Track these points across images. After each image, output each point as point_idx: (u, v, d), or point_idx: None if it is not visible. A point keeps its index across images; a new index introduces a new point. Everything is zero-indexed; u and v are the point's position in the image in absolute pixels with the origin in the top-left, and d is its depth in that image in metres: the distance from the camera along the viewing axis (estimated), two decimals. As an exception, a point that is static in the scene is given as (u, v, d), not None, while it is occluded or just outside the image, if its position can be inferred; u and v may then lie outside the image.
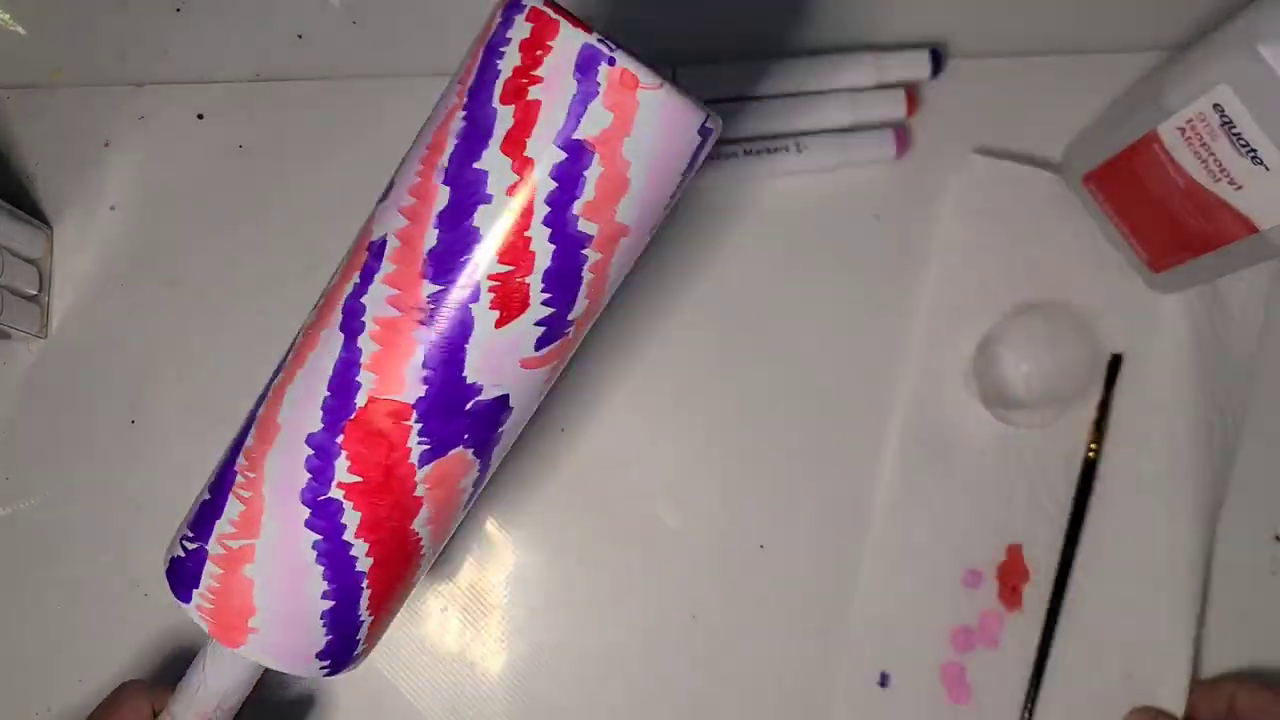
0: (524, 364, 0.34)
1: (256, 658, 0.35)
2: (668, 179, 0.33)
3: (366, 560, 0.35)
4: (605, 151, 0.32)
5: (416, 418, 0.33)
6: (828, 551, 0.47)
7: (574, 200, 0.32)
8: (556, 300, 0.33)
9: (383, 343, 0.33)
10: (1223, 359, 0.47)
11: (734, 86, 0.48)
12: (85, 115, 0.49)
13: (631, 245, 0.34)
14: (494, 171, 0.32)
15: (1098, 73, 0.50)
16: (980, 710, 0.45)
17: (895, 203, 0.49)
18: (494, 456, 0.36)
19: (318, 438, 0.34)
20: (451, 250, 0.33)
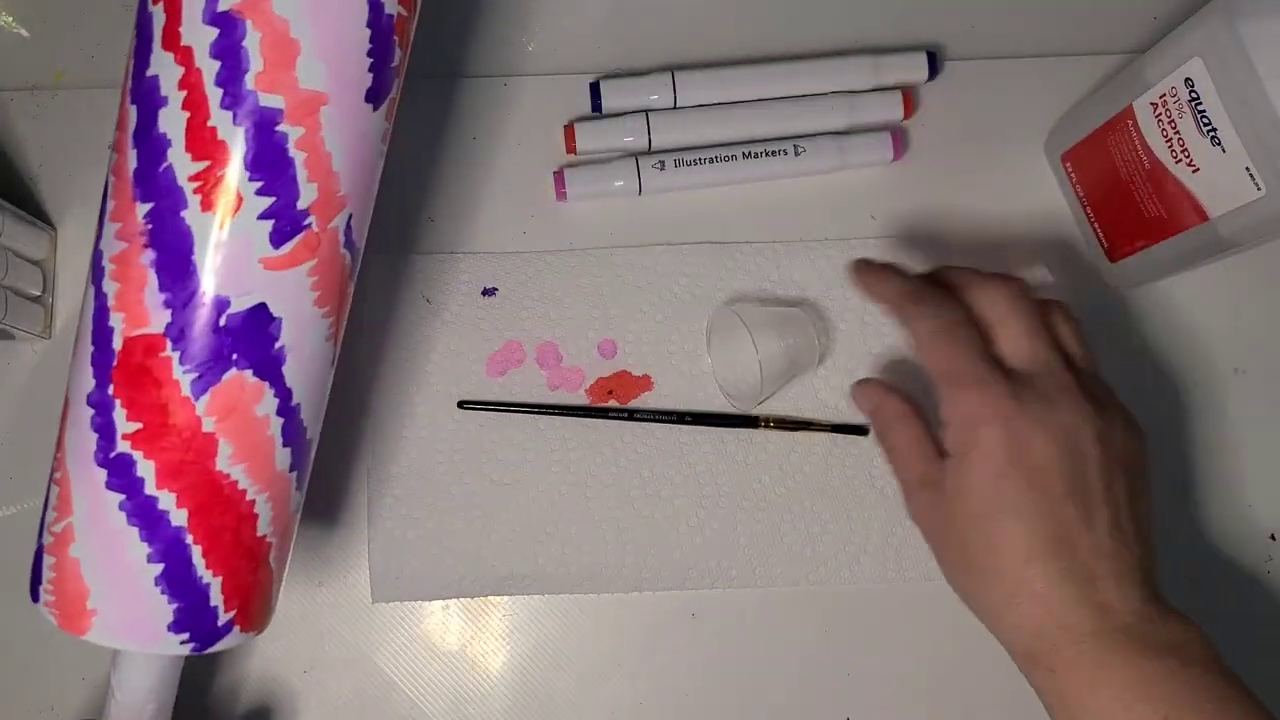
0: (267, 265, 0.33)
1: (106, 640, 0.34)
2: (342, 30, 0.32)
3: (180, 513, 0.33)
4: (255, 15, 0.31)
5: (172, 346, 0.32)
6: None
7: (243, 74, 0.31)
8: (272, 187, 0.32)
9: (120, 280, 0.33)
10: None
11: (733, 89, 0.49)
12: (88, 117, 0.49)
13: (341, 116, 0.33)
14: (163, 72, 0.32)
15: (1095, 75, 0.50)
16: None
17: (893, 205, 0.49)
18: (290, 378, 0.34)
19: (94, 395, 0.33)
20: (149, 163, 0.32)
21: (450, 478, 0.47)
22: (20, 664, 0.46)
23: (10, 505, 0.47)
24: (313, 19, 0.31)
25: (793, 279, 0.49)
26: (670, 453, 0.47)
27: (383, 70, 0.34)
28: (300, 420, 0.35)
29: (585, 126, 0.48)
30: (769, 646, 0.47)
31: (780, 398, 0.48)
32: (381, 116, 0.35)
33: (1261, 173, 0.37)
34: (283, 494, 0.36)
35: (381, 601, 0.47)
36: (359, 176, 0.34)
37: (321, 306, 0.35)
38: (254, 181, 0.32)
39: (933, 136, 0.50)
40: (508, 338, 0.48)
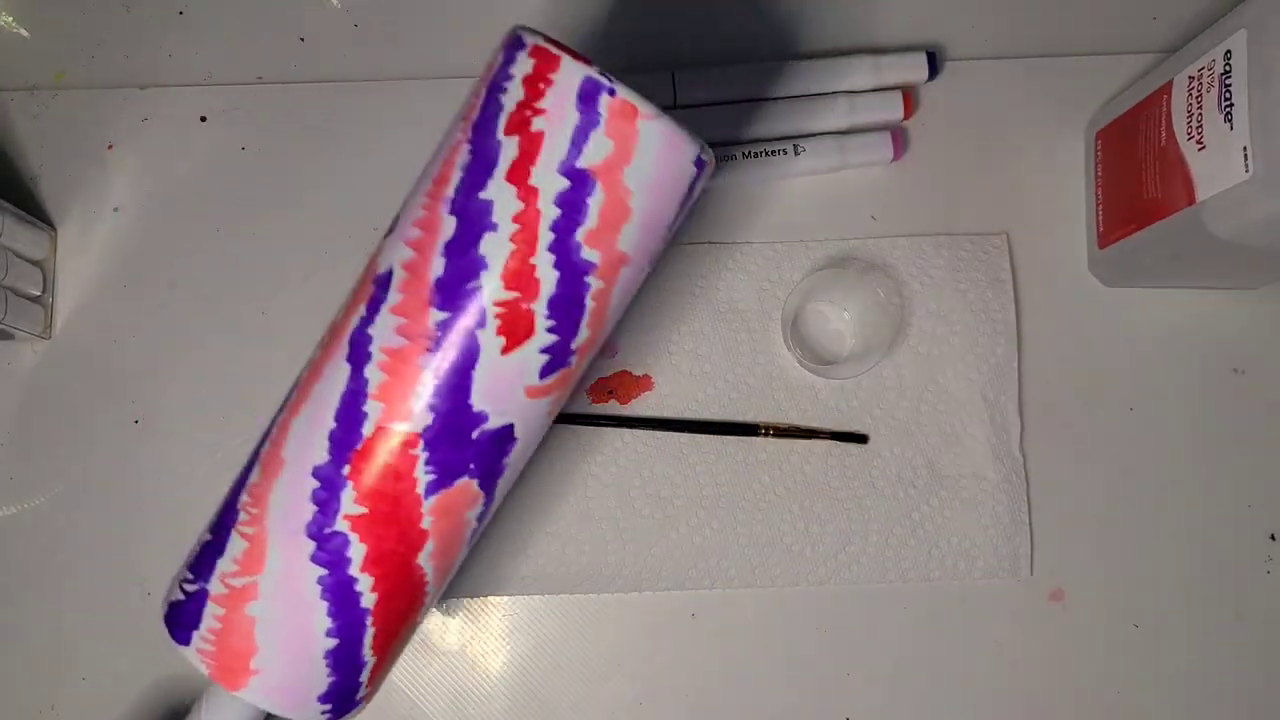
0: (529, 393, 0.34)
1: (257, 700, 0.34)
2: (666, 207, 0.34)
3: (371, 596, 0.34)
4: (607, 179, 0.33)
5: (424, 446, 0.34)
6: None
7: (577, 227, 0.33)
8: (560, 328, 0.34)
9: (390, 372, 0.34)
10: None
11: (733, 89, 0.49)
12: (88, 117, 0.49)
13: (632, 274, 0.35)
14: (499, 200, 0.33)
15: (1094, 75, 0.50)
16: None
17: (893, 204, 0.49)
18: (498, 489, 0.36)
19: (324, 469, 0.34)
20: (458, 278, 0.33)
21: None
22: (20, 664, 0.46)
23: (10, 505, 0.47)
24: (650, 194, 0.33)
25: (793, 279, 0.49)
26: (670, 453, 0.47)
27: (672, 237, 0.36)
28: (486, 524, 0.37)
29: (585, 126, 0.48)
30: (769, 646, 0.47)
31: (782, 398, 0.48)
32: (650, 268, 0.37)
33: (1255, 154, 0.37)
34: (440, 589, 0.37)
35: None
36: (619, 319, 0.37)
37: (546, 428, 0.37)
38: (549, 320, 0.34)
39: (933, 136, 0.50)
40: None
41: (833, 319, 0.49)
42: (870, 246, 0.49)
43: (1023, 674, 0.47)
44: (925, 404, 0.48)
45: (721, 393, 0.48)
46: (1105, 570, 0.48)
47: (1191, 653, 0.47)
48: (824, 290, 0.48)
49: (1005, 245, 0.49)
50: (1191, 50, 0.41)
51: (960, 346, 0.48)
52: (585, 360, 0.36)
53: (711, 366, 0.48)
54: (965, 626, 0.47)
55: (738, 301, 0.49)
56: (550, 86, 0.33)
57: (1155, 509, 0.48)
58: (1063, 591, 0.47)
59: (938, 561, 0.47)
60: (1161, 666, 0.47)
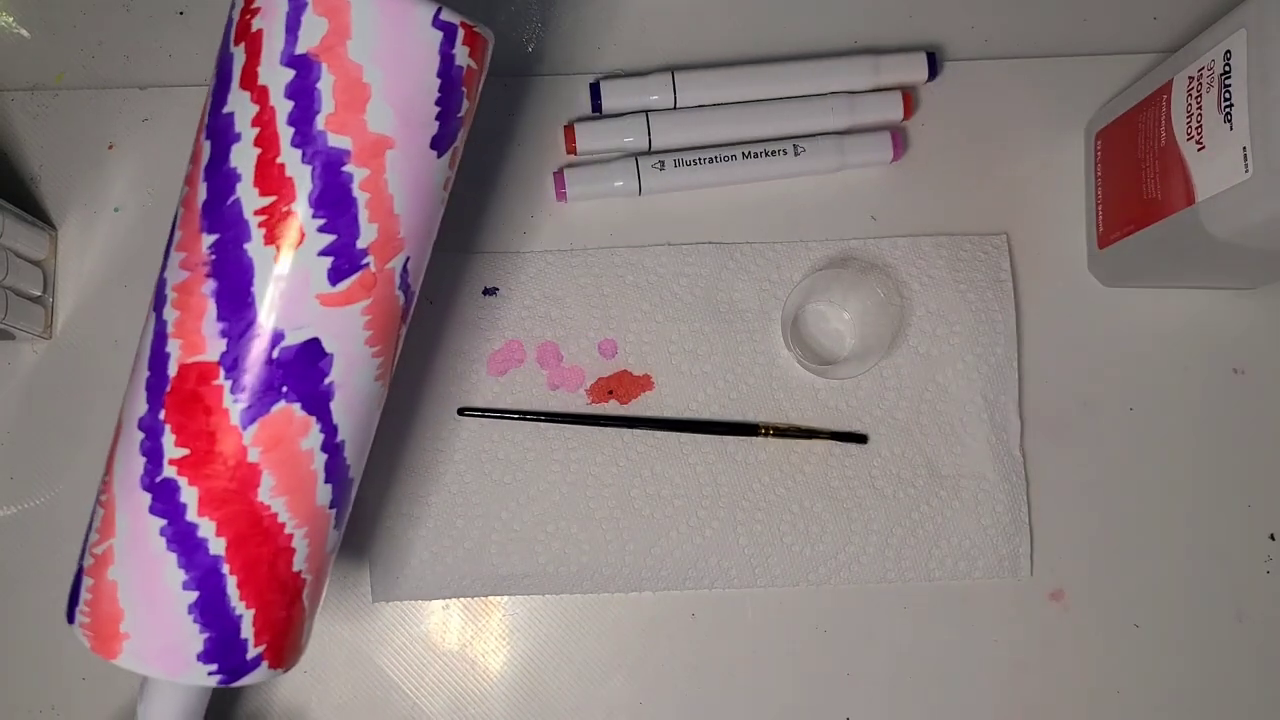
0: (323, 301, 0.33)
1: (134, 666, 0.34)
2: (415, 79, 0.33)
3: (219, 541, 0.34)
4: (331, 59, 0.32)
5: (224, 374, 0.33)
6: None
7: (315, 115, 0.32)
8: (334, 225, 0.33)
9: (181, 307, 0.33)
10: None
11: (733, 89, 0.49)
12: (89, 117, 0.49)
13: (406, 160, 0.34)
14: (238, 109, 0.33)
15: (1094, 75, 0.50)
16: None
17: (892, 205, 0.49)
18: (337, 414, 0.35)
19: (146, 419, 0.34)
20: (218, 197, 0.33)
21: (450, 477, 0.47)
22: (20, 664, 0.46)
23: (10, 505, 0.47)
24: (385, 66, 0.32)
25: (793, 279, 0.49)
26: (670, 453, 0.47)
27: (449, 119, 0.35)
28: (344, 458, 0.36)
29: (585, 126, 0.48)
30: (769, 646, 0.47)
31: (782, 398, 0.48)
32: (445, 163, 0.35)
33: (1255, 154, 0.37)
34: (321, 531, 0.36)
35: (381, 601, 0.47)
36: (419, 220, 0.35)
37: (373, 346, 0.35)
38: (317, 219, 0.33)
39: (933, 136, 0.50)
40: (508, 337, 0.48)
41: (832, 319, 0.49)
42: (870, 246, 0.49)
43: (1023, 674, 0.47)
44: (925, 404, 0.48)
45: (721, 393, 0.48)
46: (1105, 570, 0.48)
47: (1191, 653, 0.47)
48: (824, 290, 0.48)
49: (1005, 245, 0.49)
50: (1191, 50, 0.41)
51: (960, 346, 0.48)
52: (391, 261, 0.35)
53: (711, 366, 0.48)
54: (965, 626, 0.47)
55: (738, 301, 0.49)
56: None
57: (1155, 509, 0.48)
58: (1063, 591, 0.47)
59: (938, 561, 0.47)
60: (1161, 666, 0.47)
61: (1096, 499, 0.48)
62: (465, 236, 0.49)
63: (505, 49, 0.50)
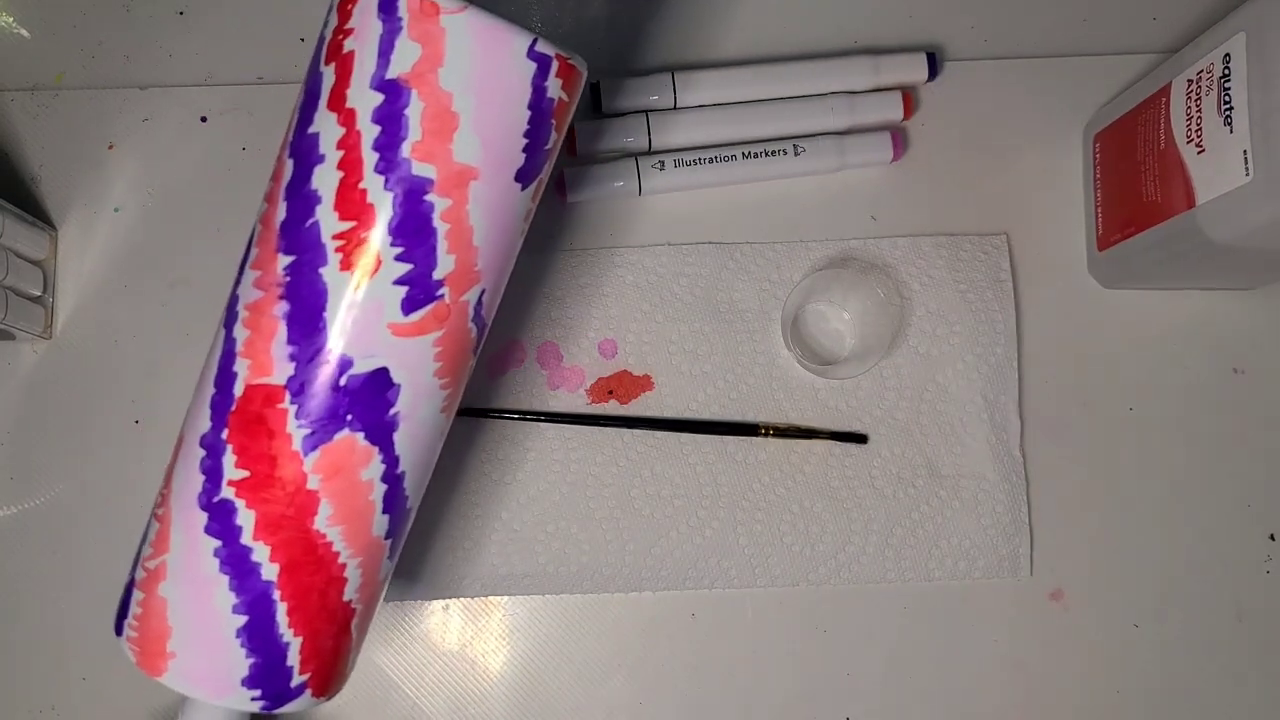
0: (395, 331, 0.33)
1: (178, 686, 0.33)
2: (504, 110, 0.32)
3: (272, 567, 0.33)
4: (421, 86, 0.31)
5: (290, 399, 0.32)
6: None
7: (401, 142, 0.31)
8: (412, 255, 0.32)
9: (252, 327, 0.33)
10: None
11: (733, 89, 0.49)
12: (89, 117, 0.49)
13: (489, 192, 0.33)
14: (324, 131, 0.32)
15: (1094, 75, 0.50)
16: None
17: (892, 205, 0.49)
18: (400, 445, 0.34)
19: (208, 437, 0.33)
20: (297, 218, 0.32)
21: (450, 477, 0.47)
22: (20, 664, 0.46)
23: (10, 505, 0.47)
24: (476, 95, 0.32)
25: (793, 279, 0.49)
26: (670, 453, 0.47)
27: (536, 152, 0.34)
28: (404, 489, 0.35)
29: (585, 126, 0.48)
30: (769, 646, 0.47)
31: (782, 398, 0.48)
32: (528, 196, 0.35)
33: (1255, 157, 0.37)
34: (374, 561, 0.35)
35: (381, 601, 0.47)
36: (498, 253, 0.34)
37: (441, 378, 0.35)
38: (395, 247, 0.32)
39: (933, 136, 0.50)
40: (508, 337, 0.48)
41: (832, 319, 0.49)
42: (870, 246, 0.49)
43: (1023, 674, 0.47)
44: (925, 404, 0.48)
45: (721, 393, 0.48)
46: (1105, 570, 0.48)
47: (1191, 653, 0.47)
48: (824, 290, 0.48)
49: (1005, 245, 0.49)
50: (1190, 53, 0.41)
51: (960, 346, 0.48)
52: (466, 294, 0.34)
53: (711, 366, 0.48)
54: (965, 626, 0.47)
55: (738, 301, 0.49)
56: (355, 4, 0.32)
57: (1155, 509, 0.48)
58: (1063, 591, 0.47)
59: (938, 561, 0.47)
60: (1161, 666, 0.47)
61: (1096, 499, 0.48)
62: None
63: (505, 49, 0.50)
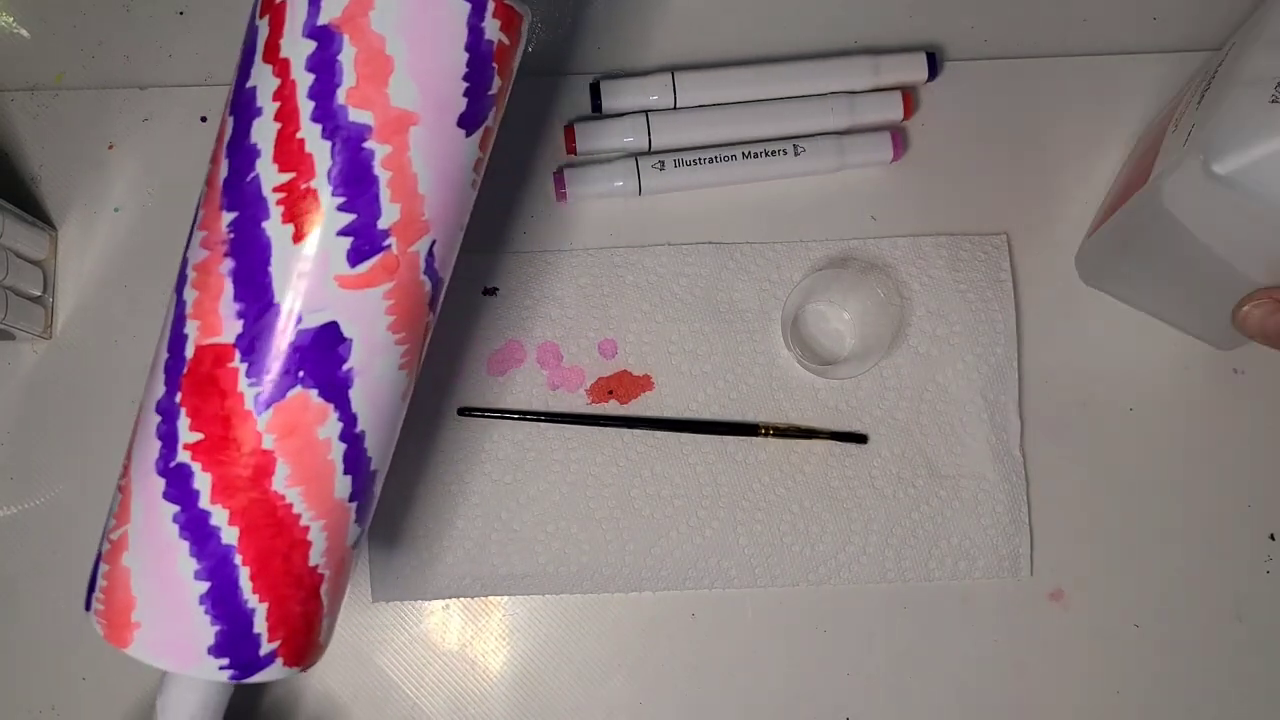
0: (342, 283, 0.32)
1: (144, 656, 0.33)
2: (441, 52, 0.32)
3: (231, 530, 0.32)
4: (353, 30, 0.31)
5: (240, 357, 0.32)
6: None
7: (335, 89, 0.31)
8: (354, 204, 0.32)
9: (199, 287, 0.33)
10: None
11: (733, 89, 0.49)
12: (89, 117, 0.49)
13: (431, 138, 0.32)
14: (260, 84, 0.32)
15: (1093, 75, 0.50)
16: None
17: (892, 205, 0.49)
18: (357, 403, 0.33)
19: (163, 402, 0.33)
20: (238, 173, 0.32)
21: (450, 477, 0.47)
22: (20, 664, 0.46)
23: (10, 505, 0.47)
24: (409, 38, 0.31)
25: (793, 279, 0.49)
26: (670, 453, 0.47)
27: (478, 96, 0.33)
28: (364, 449, 0.35)
29: (585, 126, 0.48)
30: (769, 646, 0.47)
31: (782, 398, 0.48)
32: (475, 143, 0.34)
33: (1200, 124, 0.36)
34: (340, 524, 0.35)
35: (381, 601, 0.47)
36: (446, 202, 0.34)
37: (396, 332, 0.34)
38: (336, 197, 0.32)
39: (933, 136, 0.50)
40: (508, 337, 0.48)
41: (832, 319, 0.49)
42: (870, 246, 0.49)
43: (1023, 674, 0.47)
44: (925, 404, 0.48)
45: (721, 393, 0.48)
46: (1105, 570, 0.48)
47: (1191, 653, 0.47)
48: (824, 290, 0.48)
49: (1005, 245, 0.49)
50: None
51: (960, 346, 0.48)
52: (415, 244, 0.33)
53: (711, 366, 0.48)
54: (965, 626, 0.47)
55: (738, 301, 0.49)
56: None
57: (1155, 509, 0.48)
58: (1063, 591, 0.47)
59: (938, 561, 0.47)
60: (1161, 666, 0.47)
61: (1096, 499, 0.48)
62: (466, 236, 0.49)
63: (505, 49, 0.50)
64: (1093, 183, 0.49)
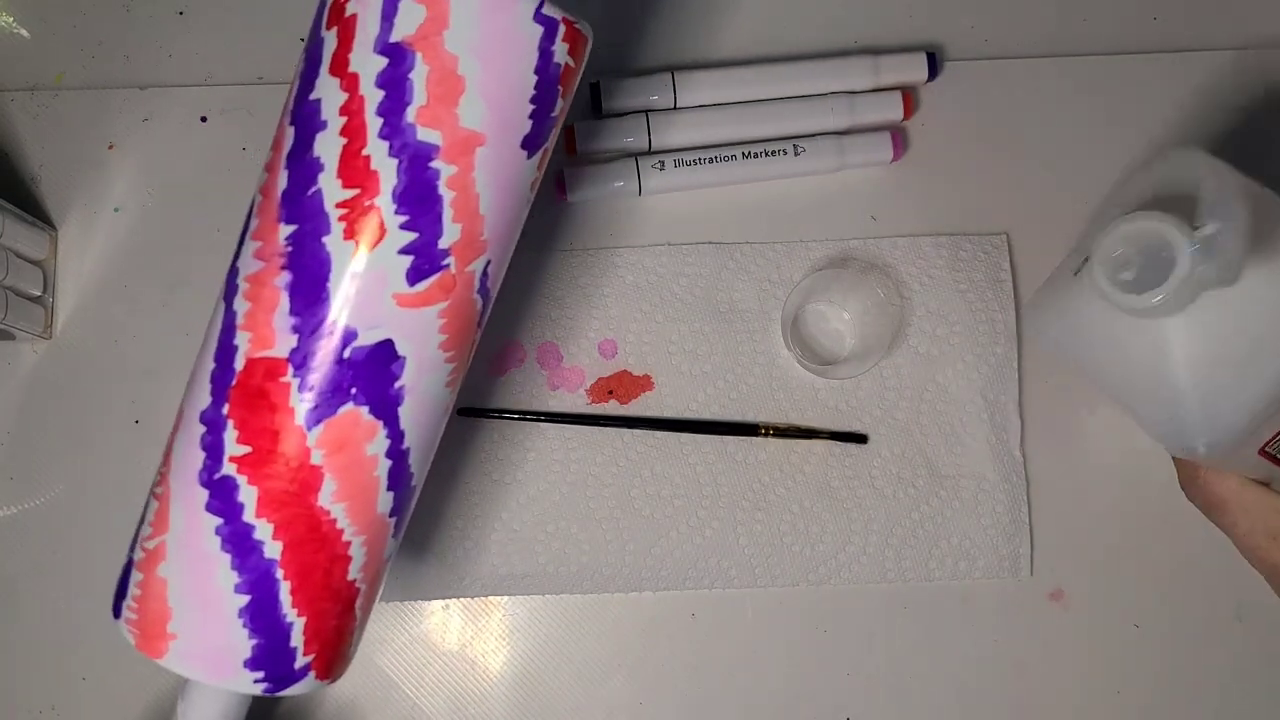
0: (400, 301, 0.32)
1: (179, 668, 0.33)
2: (510, 74, 0.32)
3: (275, 545, 0.32)
4: (426, 49, 0.31)
5: (293, 372, 0.32)
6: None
7: (405, 107, 0.31)
8: (417, 223, 0.32)
9: (252, 299, 0.32)
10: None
11: (733, 89, 0.49)
12: (89, 117, 0.49)
13: (496, 159, 0.32)
14: (326, 97, 0.31)
15: (1093, 75, 0.50)
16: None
17: (892, 205, 0.49)
18: (405, 420, 0.33)
19: (208, 412, 0.33)
20: (299, 186, 0.32)
21: (450, 477, 0.47)
22: (20, 664, 0.46)
23: (10, 505, 0.47)
24: (482, 59, 0.31)
25: (793, 279, 0.49)
26: (670, 453, 0.47)
27: (543, 118, 0.33)
28: (408, 465, 0.35)
29: (585, 126, 0.48)
30: (769, 646, 0.47)
31: (782, 398, 0.48)
32: (534, 164, 0.34)
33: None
34: (379, 539, 0.35)
35: (381, 601, 0.47)
36: (504, 222, 0.34)
37: (446, 351, 0.34)
38: (400, 215, 0.31)
39: (933, 136, 0.50)
40: (508, 337, 0.48)
41: (832, 319, 0.49)
42: (870, 246, 0.49)
43: (1023, 674, 0.47)
44: (925, 404, 0.48)
45: (721, 393, 0.48)
46: (1105, 570, 0.48)
47: (1191, 653, 0.47)
48: (824, 290, 0.48)
49: (1005, 245, 0.49)
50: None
51: (960, 346, 0.48)
52: (472, 264, 0.33)
53: (711, 366, 0.48)
54: (965, 626, 0.47)
55: (738, 301, 0.49)
56: None
57: (1155, 509, 0.48)
58: (1063, 591, 0.47)
59: (938, 561, 0.47)
60: (1161, 666, 0.47)
61: (1096, 499, 0.48)
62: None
63: (505, 49, 0.50)
64: (1093, 182, 0.49)
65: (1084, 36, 0.51)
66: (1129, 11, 0.51)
